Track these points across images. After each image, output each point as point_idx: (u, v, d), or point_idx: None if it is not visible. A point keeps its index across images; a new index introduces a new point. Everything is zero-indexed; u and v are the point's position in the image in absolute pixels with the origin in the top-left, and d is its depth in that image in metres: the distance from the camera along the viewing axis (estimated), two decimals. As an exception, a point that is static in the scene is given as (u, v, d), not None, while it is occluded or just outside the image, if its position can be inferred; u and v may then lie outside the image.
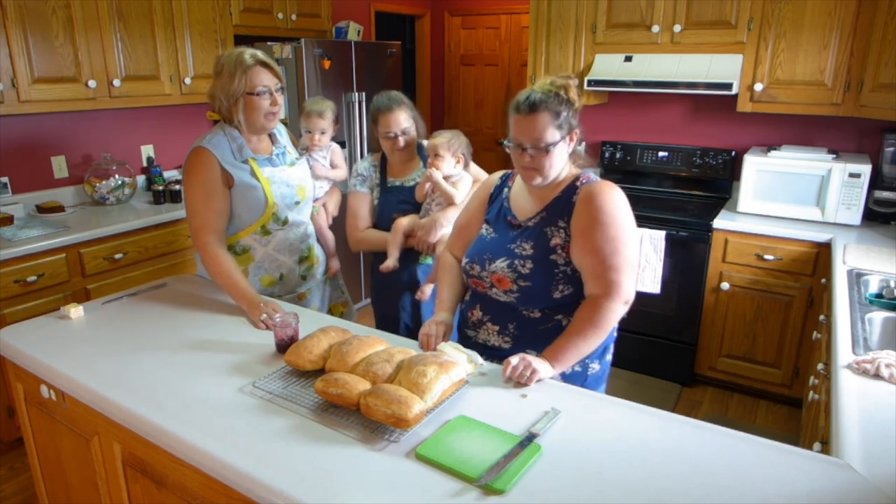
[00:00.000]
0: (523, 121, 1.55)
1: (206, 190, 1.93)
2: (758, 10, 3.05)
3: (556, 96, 1.55)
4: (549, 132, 1.55)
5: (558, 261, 1.60)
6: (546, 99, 1.54)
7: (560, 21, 3.59)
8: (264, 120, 1.97)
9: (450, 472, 1.16)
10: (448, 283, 1.83)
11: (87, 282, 2.91)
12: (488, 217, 1.77)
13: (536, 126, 1.54)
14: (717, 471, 1.18)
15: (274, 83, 1.96)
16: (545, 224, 1.63)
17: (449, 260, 1.87)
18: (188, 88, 3.49)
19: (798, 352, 3.05)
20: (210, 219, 1.93)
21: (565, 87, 1.57)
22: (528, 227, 1.66)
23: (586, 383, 1.71)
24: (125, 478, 1.52)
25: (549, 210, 1.64)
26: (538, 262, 1.60)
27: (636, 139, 3.86)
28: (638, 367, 3.49)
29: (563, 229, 1.61)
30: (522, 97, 1.56)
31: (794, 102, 3.09)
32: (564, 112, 1.56)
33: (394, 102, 2.20)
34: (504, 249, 1.66)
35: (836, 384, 1.54)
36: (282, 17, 4.01)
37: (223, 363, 1.59)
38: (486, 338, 1.73)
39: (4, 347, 1.73)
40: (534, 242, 1.62)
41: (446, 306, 1.77)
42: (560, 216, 1.62)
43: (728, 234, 3.11)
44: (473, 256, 1.73)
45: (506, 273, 1.63)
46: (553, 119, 1.54)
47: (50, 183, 3.33)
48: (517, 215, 1.70)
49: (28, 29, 2.79)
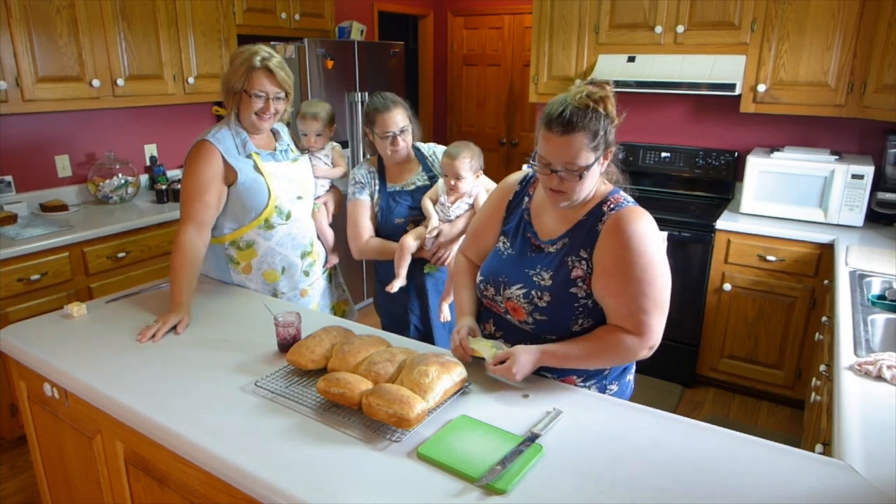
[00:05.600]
0: (555, 140, 1.37)
1: (201, 181, 1.95)
2: (761, 11, 3.05)
3: (594, 112, 1.37)
4: (584, 155, 1.37)
5: (578, 294, 1.46)
6: (583, 117, 1.35)
7: (563, 21, 3.59)
8: (254, 119, 1.99)
9: (451, 472, 1.17)
10: (466, 286, 1.73)
11: (90, 280, 2.92)
12: (506, 228, 1.63)
13: (571, 149, 1.36)
14: (719, 472, 1.18)
15: (273, 91, 1.96)
16: (567, 253, 1.48)
17: (463, 263, 1.78)
18: (191, 88, 3.50)
19: (800, 353, 3.05)
20: (198, 209, 1.95)
21: (603, 101, 1.39)
22: (550, 252, 1.52)
23: None
24: (128, 476, 1.52)
25: (573, 236, 1.49)
26: (557, 296, 1.47)
27: (639, 139, 3.86)
28: (639, 367, 3.46)
29: (585, 260, 1.46)
30: (556, 111, 1.37)
31: (797, 103, 3.08)
32: (602, 131, 1.38)
33: (390, 102, 2.16)
34: (522, 274, 1.52)
35: (839, 386, 1.54)
36: (285, 16, 4.01)
37: (225, 362, 1.59)
38: None
39: (8, 346, 1.73)
40: (553, 272, 1.49)
41: (468, 311, 1.69)
42: (583, 245, 1.47)
43: (730, 234, 3.10)
44: (489, 277, 1.60)
45: (521, 303, 1.51)
46: (590, 140, 1.37)
47: (53, 182, 3.34)
48: (538, 233, 1.56)
49: (32, 28, 2.80)
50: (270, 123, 2.04)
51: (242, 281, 2.14)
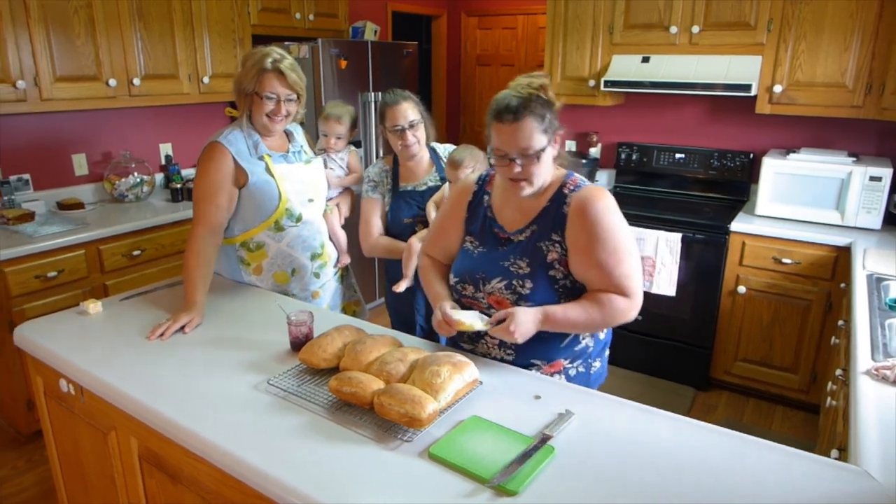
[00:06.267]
0: (507, 129, 1.44)
1: (213, 183, 1.96)
2: (778, 11, 3.02)
3: (538, 98, 1.45)
4: (536, 138, 1.45)
5: (557, 276, 1.55)
6: (528, 103, 1.44)
7: (577, 21, 3.58)
8: (266, 120, 1.99)
9: (462, 473, 1.16)
10: (436, 279, 1.74)
11: (105, 278, 2.95)
12: (472, 229, 1.68)
13: (524, 133, 1.44)
14: (732, 476, 1.17)
15: (285, 93, 1.96)
16: (538, 239, 1.56)
17: (428, 261, 1.80)
18: (206, 88, 3.52)
19: (816, 357, 3.02)
20: (209, 211, 1.96)
21: (543, 88, 1.47)
22: (520, 241, 1.58)
23: (590, 381, 1.71)
24: (141, 472, 1.54)
25: (540, 223, 1.57)
26: (537, 280, 1.54)
27: (653, 140, 3.83)
28: (652, 370, 3.47)
29: (558, 243, 1.54)
30: (502, 104, 1.45)
31: (813, 104, 3.05)
32: (548, 115, 1.46)
33: (399, 96, 2.17)
34: (498, 267, 1.58)
35: (855, 390, 1.52)
36: (299, 16, 4.03)
37: (238, 360, 1.60)
38: (487, 351, 1.66)
39: (25, 342, 1.75)
40: (529, 259, 1.55)
41: (444, 296, 1.69)
42: (553, 229, 1.55)
43: (745, 236, 3.08)
44: (464, 275, 1.64)
45: (504, 294, 1.56)
46: (539, 123, 1.45)
47: (70, 180, 3.38)
48: (504, 226, 1.62)
49: (50, 28, 2.83)
50: (282, 125, 2.04)
51: (253, 282, 2.15)
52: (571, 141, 4.14)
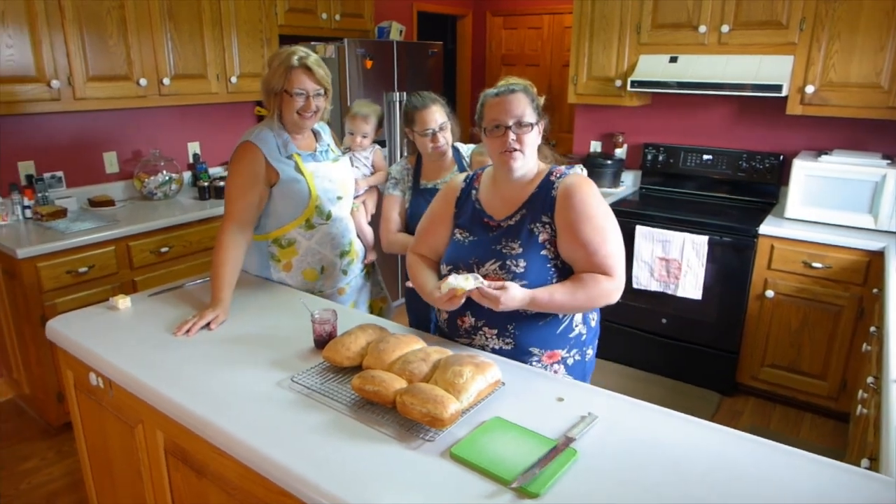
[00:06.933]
0: (503, 101, 1.58)
1: (244, 182, 2.00)
2: (811, 10, 2.96)
3: (526, 87, 1.63)
4: (529, 112, 1.58)
5: (549, 255, 1.60)
6: (518, 85, 1.62)
7: (604, 21, 3.55)
8: (296, 117, 2.02)
9: (484, 474, 1.16)
10: (426, 272, 1.77)
11: (134, 274, 3.00)
12: (461, 222, 1.74)
13: (519, 103, 1.58)
14: (758, 483, 1.14)
15: (313, 88, 1.99)
16: (529, 221, 1.62)
17: (417, 258, 1.83)
18: (234, 87, 3.57)
19: (846, 364, 2.95)
20: (239, 209, 1.99)
21: (530, 84, 1.67)
22: (510, 225, 1.64)
23: (586, 368, 1.75)
24: (167, 465, 1.56)
25: (530, 207, 1.63)
26: (531, 259, 1.59)
27: (680, 141, 3.78)
28: (677, 374, 3.42)
29: (548, 224, 1.60)
30: (498, 85, 1.65)
31: (847, 105, 2.98)
32: (535, 99, 1.62)
33: (428, 99, 2.21)
34: (491, 251, 1.63)
35: (887, 399, 1.48)
36: (325, 17, 4.06)
37: (263, 357, 1.62)
38: (484, 343, 1.68)
39: (56, 335, 1.79)
40: (521, 241, 1.61)
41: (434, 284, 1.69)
42: (542, 212, 1.61)
43: (774, 240, 3.02)
44: (457, 262, 1.68)
45: (500, 275, 1.60)
46: (530, 100, 1.60)
47: (101, 178, 3.45)
48: (493, 216, 1.68)
49: (84, 29, 2.89)
50: (313, 121, 2.06)
51: (282, 278, 2.17)
52: (597, 142, 4.11)
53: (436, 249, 1.79)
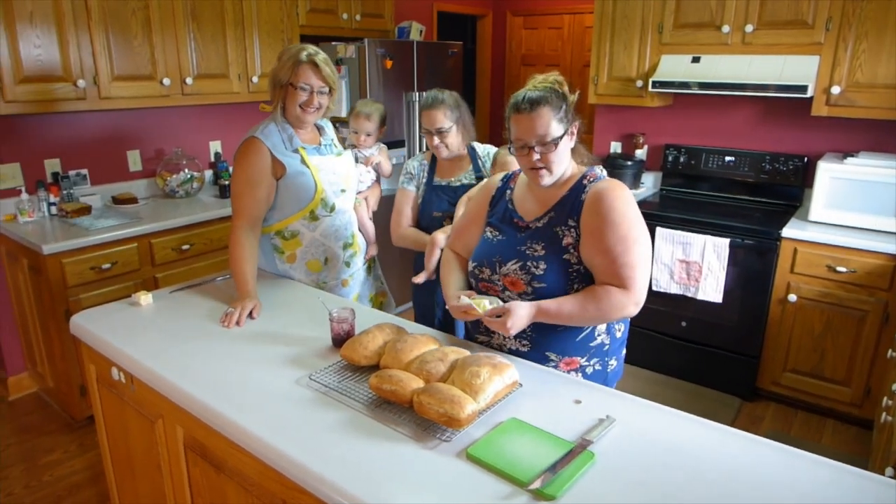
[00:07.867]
0: (526, 119, 1.53)
1: (251, 178, 2.03)
2: (837, 9, 2.91)
3: (554, 91, 1.54)
4: (554, 126, 1.53)
5: (571, 260, 1.57)
6: (545, 94, 1.53)
7: (625, 21, 3.52)
8: (299, 111, 2.04)
9: (500, 475, 1.16)
10: (454, 271, 1.79)
11: (156, 270, 3.04)
12: (492, 220, 1.74)
13: (541, 122, 1.52)
14: (778, 490, 1.13)
15: (318, 84, 2.02)
16: (555, 224, 1.60)
17: (451, 255, 1.86)
18: (255, 87, 3.60)
19: (870, 370, 2.90)
20: (248, 205, 2.02)
21: (559, 83, 1.58)
22: (538, 227, 1.63)
23: (607, 379, 1.71)
24: (186, 460, 1.58)
25: (558, 210, 1.61)
26: (551, 262, 1.57)
27: (701, 143, 3.74)
28: (696, 378, 3.39)
29: (573, 228, 1.57)
30: (521, 96, 1.56)
31: (873, 106, 2.92)
32: (564, 104, 1.55)
33: (435, 101, 2.21)
34: (515, 251, 1.62)
35: (914, 406, 1.46)
36: (346, 17, 4.08)
37: (281, 355, 1.63)
38: (502, 342, 1.68)
39: (80, 330, 1.83)
40: (545, 243, 1.59)
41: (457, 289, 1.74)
42: (569, 215, 1.58)
43: (798, 243, 2.97)
44: (482, 259, 1.69)
45: (519, 275, 1.59)
46: (556, 112, 1.53)
47: (125, 175, 3.50)
48: (524, 217, 1.67)
49: (110, 29, 2.94)
50: (315, 117, 2.09)
51: (287, 270, 2.20)
52: (617, 142, 4.08)
53: (468, 247, 1.80)
